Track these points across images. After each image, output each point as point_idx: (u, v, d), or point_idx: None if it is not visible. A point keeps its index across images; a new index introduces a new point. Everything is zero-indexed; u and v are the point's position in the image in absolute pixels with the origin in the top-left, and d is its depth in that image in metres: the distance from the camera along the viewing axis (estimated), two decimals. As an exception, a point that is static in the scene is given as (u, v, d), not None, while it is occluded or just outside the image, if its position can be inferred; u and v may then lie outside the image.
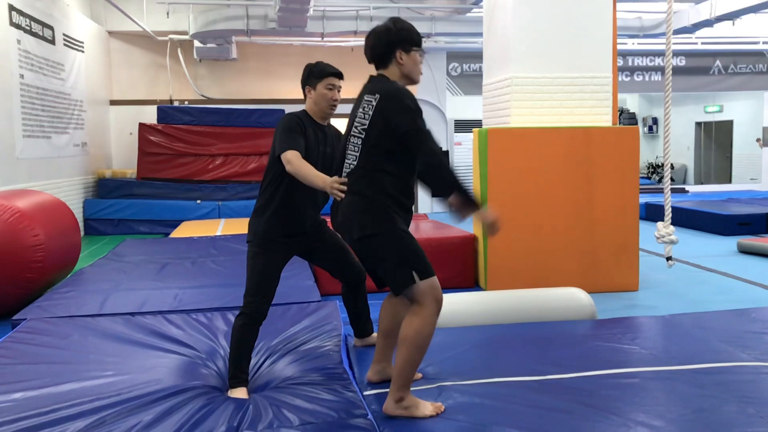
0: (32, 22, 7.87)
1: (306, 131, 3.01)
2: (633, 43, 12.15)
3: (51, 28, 8.47)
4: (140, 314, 4.04)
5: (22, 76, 7.55)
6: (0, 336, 3.84)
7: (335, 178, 2.64)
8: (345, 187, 2.60)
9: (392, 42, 2.67)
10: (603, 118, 5.65)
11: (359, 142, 2.64)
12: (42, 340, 3.50)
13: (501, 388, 2.89)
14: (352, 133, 2.69)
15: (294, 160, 2.82)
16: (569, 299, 4.19)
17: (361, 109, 2.67)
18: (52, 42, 8.50)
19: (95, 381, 2.94)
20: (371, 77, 2.75)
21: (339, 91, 3.11)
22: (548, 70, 5.55)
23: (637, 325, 3.95)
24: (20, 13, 7.52)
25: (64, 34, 8.92)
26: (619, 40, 6.20)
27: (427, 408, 2.63)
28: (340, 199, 2.62)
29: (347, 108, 2.91)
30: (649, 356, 3.32)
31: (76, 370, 3.10)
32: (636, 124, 17.02)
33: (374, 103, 2.62)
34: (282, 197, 3.01)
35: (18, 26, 7.47)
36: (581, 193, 5.49)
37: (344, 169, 2.69)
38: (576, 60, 5.57)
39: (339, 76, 3.12)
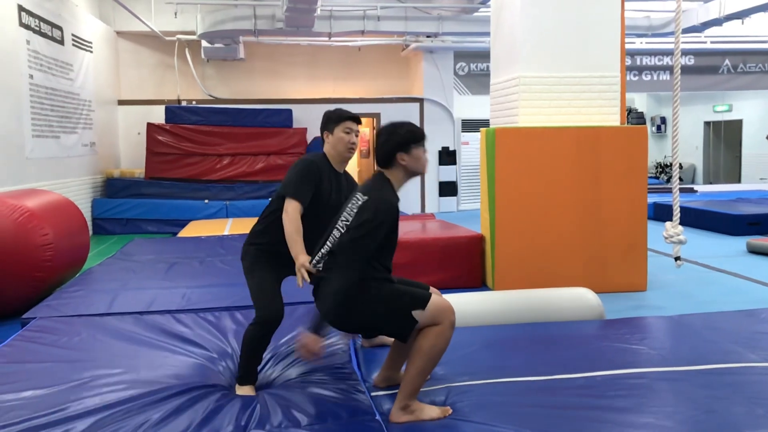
0: (41, 23, 7.91)
1: (322, 177, 3.06)
2: (641, 42, 12.11)
3: (60, 28, 8.51)
4: (149, 313, 4.06)
5: (31, 76, 7.59)
6: (10, 334, 3.86)
7: (305, 263, 2.71)
8: (310, 274, 2.68)
9: (392, 149, 2.75)
10: (611, 117, 5.63)
11: (338, 235, 2.67)
12: (51, 338, 3.52)
13: (509, 388, 2.89)
14: (336, 224, 2.72)
15: (291, 214, 2.92)
16: (577, 299, 4.19)
17: (349, 204, 2.73)
18: (61, 42, 8.55)
19: (104, 379, 2.95)
20: (374, 174, 2.82)
21: (357, 136, 3.17)
22: (556, 70, 5.54)
23: (645, 325, 3.93)
24: (29, 13, 7.56)
25: (72, 35, 8.96)
26: (627, 39, 6.18)
27: (433, 411, 2.64)
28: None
29: (350, 106, 2.91)
30: (657, 357, 3.31)
31: (85, 368, 3.12)
32: (644, 123, 16.95)
33: (360, 203, 2.66)
34: (279, 229, 3.01)
35: (27, 27, 7.51)
36: (589, 193, 5.48)
37: (321, 249, 2.72)
38: (584, 59, 5.56)
39: (356, 120, 3.19)
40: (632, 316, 4.42)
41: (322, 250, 2.70)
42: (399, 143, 2.76)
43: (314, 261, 2.71)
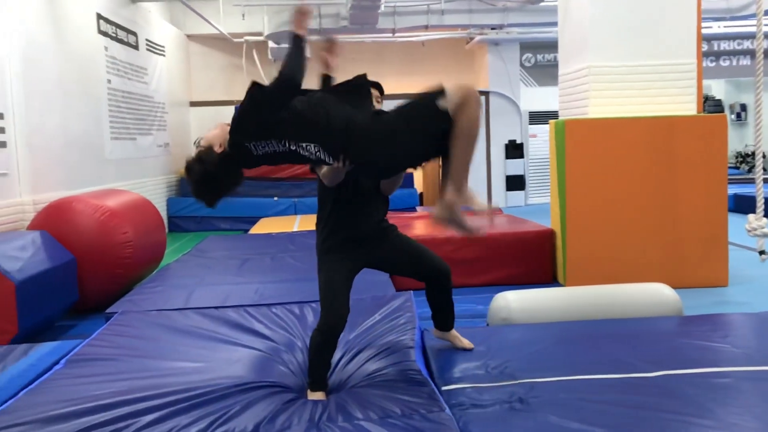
0: (118, 30, 8.25)
1: None
2: (719, 27, 11.58)
3: (135, 34, 8.85)
4: (224, 308, 4.17)
5: (109, 81, 7.93)
6: (95, 328, 4.05)
7: None
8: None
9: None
10: (687, 106, 5.42)
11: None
12: (134, 332, 3.67)
13: (582, 386, 2.82)
14: None
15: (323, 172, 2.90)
16: (653, 295, 4.05)
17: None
18: (136, 47, 8.89)
19: (185, 375, 3.06)
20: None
21: (380, 102, 3.08)
22: (628, 58, 5.37)
23: (727, 322, 3.76)
24: (107, 21, 7.90)
25: (146, 40, 9.30)
26: (703, 24, 5.92)
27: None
28: None
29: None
30: (741, 355, 3.16)
31: (167, 360, 3.24)
32: (722, 111, 16.22)
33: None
34: (333, 206, 3.00)
35: (105, 34, 7.84)
36: (665, 185, 5.29)
37: None
38: (657, 47, 5.37)
39: (377, 88, 3.10)
40: (713, 312, 4.24)
41: None
42: None
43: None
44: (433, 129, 2.59)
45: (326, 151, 2.60)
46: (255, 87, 2.58)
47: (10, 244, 4.60)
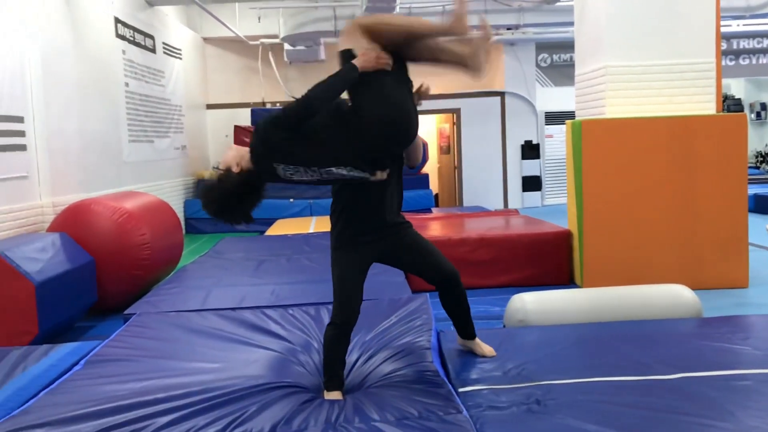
0: (135, 33, 8.32)
1: None
2: (738, 25, 11.45)
3: (152, 37, 8.93)
4: (240, 309, 4.19)
5: (127, 84, 8.00)
6: (113, 329, 4.09)
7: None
8: None
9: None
10: (706, 105, 5.37)
11: None
12: (152, 333, 3.70)
13: (602, 388, 2.80)
14: None
15: None
16: (672, 296, 4.01)
17: None
18: (153, 51, 8.96)
19: (202, 375, 3.07)
20: None
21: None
22: (645, 58, 5.33)
23: (748, 324, 3.71)
24: (125, 24, 7.97)
25: (163, 43, 9.38)
26: (722, 22, 5.87)
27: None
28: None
29: (430, 102, 2.90)
30: (762, 357, 3.12)
31: (184, 361, 3.26)
32: (742, 110, 16.04)
33: None
34: (346, 200, 3.00)
35: (123, 37, 7.92)
36: (683, 186, 5.24)
37: None
38: (675, 46, 5.32)
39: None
40: (733, 314, 4.19)
41: None
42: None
43: None
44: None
45: (357, 168, 2.72)
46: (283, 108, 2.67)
47: (30, 245, 4.66)
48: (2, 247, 4.47)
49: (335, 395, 2.88)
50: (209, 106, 11.72)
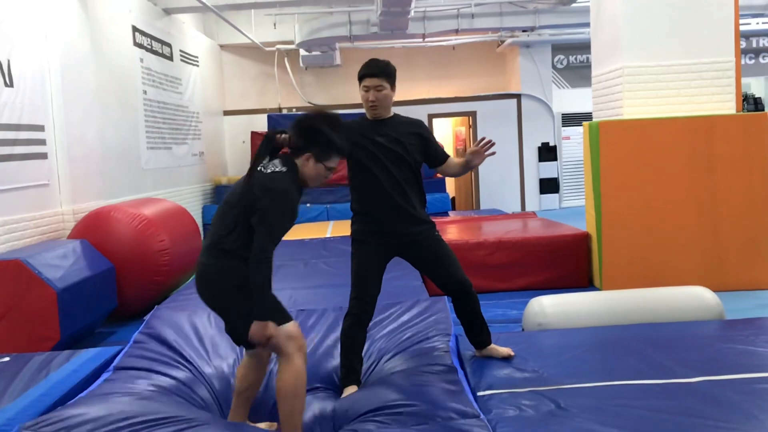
0: (152, 41, 8.41)
1: (358, 133, 3.06)
2: (757, 23, 11.30)
3: (169, 45, 9.01)
4: (258, 314, 4.19)
5: (145, 92, 8.08)
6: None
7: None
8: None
9: (305, 144, 2.63)
10: (725, 105, 5.31)
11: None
12: (170, 335, 3.71)
13: (623, 391, 2.77)
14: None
15: None
16: (693, 298, 3.96)
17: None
18: (170, 58, 9.05)
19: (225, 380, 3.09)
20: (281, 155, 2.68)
21: (378, 90, 3.05)
22: (663, 58, 5.28)
23: (771, 326, 3.66)
24: (142, 33, 8.06)
25: (180, 50, 9.46)
26: (741, 21, 5.80)
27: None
28: None
29: (445, 105, 2.89)
30: (787, 360, 3.07)
31: (201, 363, 3.28)
32: (763, 109, 15.81)
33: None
34: (356, 199, 3.10)
35: (140, 46, 8.00)
36: (703, 186, 5.18)
37: None
38: (693, 45, 5.27)
39: (371, 75, 3.07)
40: (756, 316, 4.13)
41: None
42: (315, 143, 2.63)
43: None
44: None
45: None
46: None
47: (51, 252, 4.71)
48: (24, 254, 4.53)
49: (350, 390, 2.90)
50: (226, 113, 11.80)
